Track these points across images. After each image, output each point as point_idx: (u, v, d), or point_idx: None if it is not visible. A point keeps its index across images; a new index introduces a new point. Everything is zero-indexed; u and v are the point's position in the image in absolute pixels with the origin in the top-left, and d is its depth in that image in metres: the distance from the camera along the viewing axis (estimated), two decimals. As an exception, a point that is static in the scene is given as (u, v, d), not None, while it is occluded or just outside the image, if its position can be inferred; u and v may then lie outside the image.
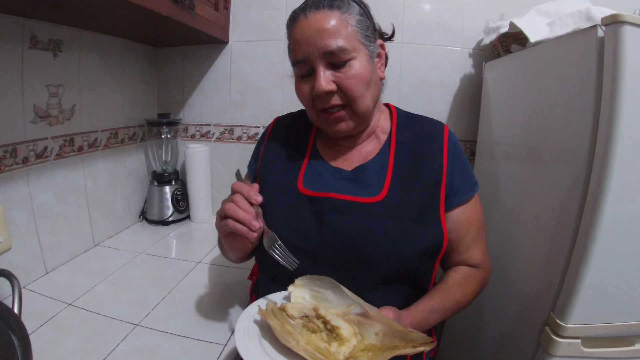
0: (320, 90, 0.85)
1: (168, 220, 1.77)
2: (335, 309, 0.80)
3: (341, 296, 0.81)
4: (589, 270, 0.87)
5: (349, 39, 0.86)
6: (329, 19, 0.85)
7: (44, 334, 0.95)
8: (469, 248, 0.99)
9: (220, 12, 1.63)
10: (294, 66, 0.93)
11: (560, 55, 1.02)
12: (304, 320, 0.77)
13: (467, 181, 0.97)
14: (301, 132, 1.07)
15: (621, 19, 0.78)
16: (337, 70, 0.87)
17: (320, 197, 0.91)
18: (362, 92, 0.88)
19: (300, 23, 0.88)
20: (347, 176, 0.96)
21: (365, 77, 0.88)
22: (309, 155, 1.02)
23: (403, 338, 0.72)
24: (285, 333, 0.71)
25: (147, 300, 1.13)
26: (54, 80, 1.26)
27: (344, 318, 0.77)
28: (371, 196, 0.90)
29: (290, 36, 0.92)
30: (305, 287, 0.85)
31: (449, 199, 0.93)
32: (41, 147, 1.22)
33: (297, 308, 0.79)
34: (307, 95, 0.91)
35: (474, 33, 1.61)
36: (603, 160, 0.82)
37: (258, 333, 0.78)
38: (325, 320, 0.76)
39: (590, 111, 0.85)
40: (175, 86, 1.90)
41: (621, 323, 0.93)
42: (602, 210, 0.83)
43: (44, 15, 1.15)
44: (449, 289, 0.93)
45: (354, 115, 0.91)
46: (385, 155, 0.97)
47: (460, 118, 1.69)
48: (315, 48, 0.85)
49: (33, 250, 1.20)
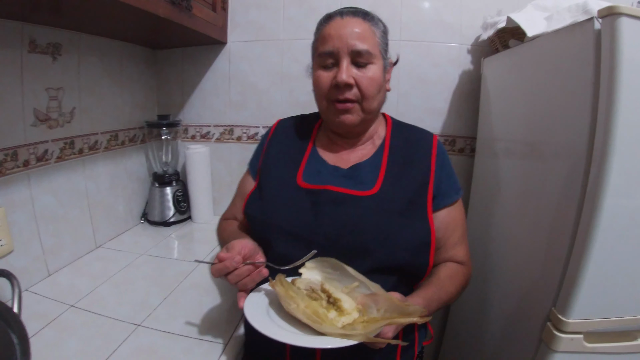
0: (342, 80, 0.95)
1: (169, 221, 1.78)
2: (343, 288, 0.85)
3: (347, 277, 0.86)
4: (590, 265, 0.87)
5: (374, 47, 0.98)
6: (361, 25, 0.98)
7: (46, 335, 0.95)
8: (455, 246, 1.06)
9: (218, 13, 1.63)
10: (320, 57, 1.01)
11: (558, 49, 1.02)
12: (308, 291, 0.84)
13: (453, 186, 1.06)
14: (302, 134, 1.15)
15: (618, 10, 0.78)
16: (358, 69, 0.97)
17: (318, 189, 0.99)
18: (375, 94, 0.99)
19: (336, 21, 0.99)
20: (343, 173, 1.04)
21: (379, 82, 1.00)
22: (309, 155, 1.10)
23: (400, 311, 0.76)
24: (288, 297, 0.78)
25: (149, 301, 1.13)
26: (54, 84, 1.26)
27: (349, 294, 0.83)
28: (365, 190, 0.98)
29: (322, 31, 1.02)
30: (317, 269, 0.89)
31: (436, 200, 1.01)
32: (42, 150, 1.22)
33: (305, 282, 0.87)
34: (325, 84, 1.00)
35: (472, 29, 1.61)
36: (602, 154, 0.82)
37: (267, 302, 0.85)
38: (329, 294, 0.83)
39: (589, 105, 0.85)
40: (175, 87, 1.90)
41: (623, 317, 0.93)
42: (601, 205, 0.83)
43: (43, 19, 1.16)
44: (442, 282, 0.99)
45: (361, 111, 1.00)
46: (379, 157, 1.06)
47: (460, 114, 1.68)
48: (346, 45, 0.96)
49: (35, 252, 1.21)
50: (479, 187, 1.57)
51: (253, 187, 1.11)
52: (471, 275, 1.09)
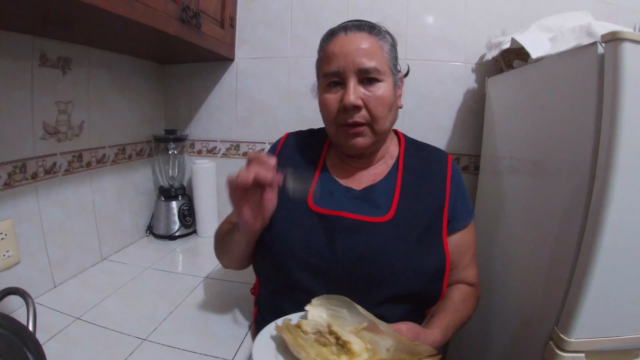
0: (350, 102, 0.89)
1: (175, 235, 1.78)
2: (349, 327, 0.82)
3: (356, 314, 0.82)
4: (592, 283, 0.87)
5: (382, 63, 0.92)
6: (368, 40, 0.92)
7: (52, 347, 0.95)
8: (466, 268, 1.05)
9: (226, 30, 1.66)
10: (325, 77, 0.96)
11: (562, 71, 1.03)
12: (316, 335, 0.80)
13: (467, 208, 1.04)
14: (312, 150, 1.09)
15: (621, 36, 0.79)
16: (366, 89, 0.91)
17: (333, 215, 0.93)
18: (385, 114, 0.93)
19: (340, 38, 0.93)
20: (357, 195, 0.98)
21: (390, 101, 0.93)
22: (319, 173, 1.04)
23: (410, 351, 0.74)
24: (298, 346, 0.74)
25: (155, 315, 1.13)
26: (63, 97, 1.28)
27: (357, 334, 0.79)
28: (380, 216, 0.92)
29: (326, 49, 0.96)
30: (322, 307, 0.86)
31: (451, 224, 0.98)
32: (50, 163, 1.24)
33: (312, 324, 0.82)
34: (333, 107, 0.94)
35: (476, 48, 1.63)
36: (605, 172, 0.82)
37: (274, 348, 0.81)
38: (337, 336, 0.78)
39: (592, 126, 0.86)
40: (182, 103, 1.93)
41: (625, 336, 0.93)
42: (604, 223, 0.83)
43: (54, 33, 1.18)
44: (456, 307, 0.97)
45: (372, 133, 0.95)
46: (393, 178, 1.00)
47: (464, 133, 1.70)
48: (352, 63, 0.90)
49: (42, 264, 1.21)
50: (482, 205, 1.57)
51: None
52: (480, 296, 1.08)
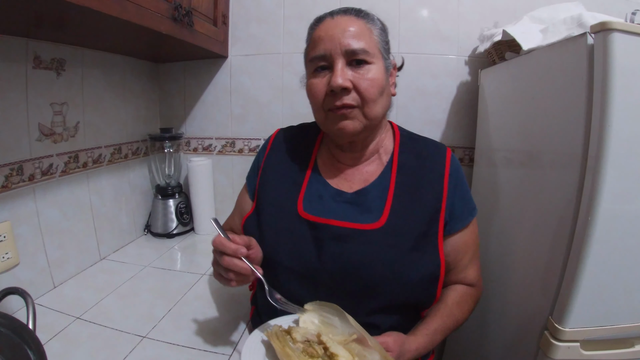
0: (337, 84, 0.84)
1: (172, 233, 1.79)
2: (339, 337, 0.81)
3: (346, 324, 0.82)
4: (586, 273, 0.88)
5: (371, 45, 0.89)
6: (355, 23, 0.89)
7: (53, 347, 0.96)
8: (465, 268, 1.01)
9: (219, 28, 1.66)
10: (311, 62, 0.92)
11: (553, 62, 1.04)
12: (305, 344, 0.79)
13: (466, 207, 0.99)
14: (303, 148, 1.06)
15: (610, 26, 0.80)
16: (355, 71, 0.87)
17: (321, 223, 0.91)
18: (376, 97, 0.88)
19: (326, 22, 0.91)
20: (348, 199, 0.95)
21: (381, 84, 0.89)
22: (310, 174, 1.01)
23: None
24: (285, 356, 0.74)
25: (154, 313, 1.14)
26: (58, 99, 1.28)
27: (345, 346, 0.79)
28: (371, 222, 0.90)
29: (313, 34, 0.93)
30: (315, 312, 0.86)
31: (448, 226, 0.94)
32: (47, 164, 1.24)
33: (302, 332, 0.81)
34: (320, 92, 0.90)
35: (469, 41, 1.64)
36: (596, 163, 0.84)
37: (263, 354, 0.81)
38: (326, 347, 0.77)
39: (582, 116, 0.87)
40: (177, 101, 1.93)
41: (620, 325, 0.94)
42: (596, 213, 0.85)
43: (47, 35, 1.18)
44: (449, 310, 0.94)
45: (363, 117, 0.89)
46: (386, 179, 0.97)
47: (458, 125, 1.70)
48: (338, 45, 0.86)
49: (41, 265, 1.22)
50: (477, 197, 1.57)
51: (251, 210, 1.03)
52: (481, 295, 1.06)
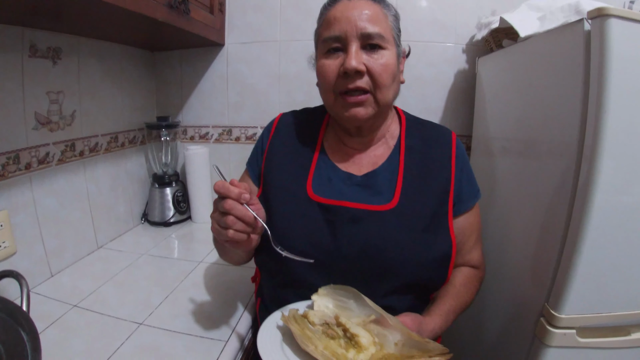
0: (351, 66, 0.83)
1: (169, 221, 1.79)
2: (356, 318, 0.81)
3: (363, 306, 0.82)
4: (581, 260, 0.88)
5: (386, 31, 0.88)
6: (372, 7, 0.87)
7: (51, 335, 0.96)
8: (470, 251, 1.02)
9: (215, 15, 1.64)
10: (324, 42, 0.90)
11: (550, 49, 1.03)
12: (324, 327, 0.79)
13: (472, 189, 1.00)
14: (308, 131, 1.04)
15: (607, 12, 0.79)
16: (369, 55, 0.86)
17: (334, 205, 0.90)
18: (389, 83, 0.88)
19: (343, 3, 0.89)
20: (358, 182, 0.95)
21: (394, 70, 0.88)
22: (317, 157, 0.99)
23: (420, 348, 0.74)
24: (305, 338, 0.73)
25: (151, 300, 1.15)
26: (54, 87, 1.28)
27: (365, 327, 0.79)
28: (383, 203, 0.90)
29: (326, 15, 0.91)
30: (329, 296, 0.85)
31: (456, 207, 0.95)
32: (43, 153, 1.24)
33: (319, 315, 0.81)
34: (332, 73, 0.88)
35: (467, 28, 1.63)
36: (592, 152, 0.84)
37: (280, 338, 0.80)
38: (345, 328, 0.77)
39: (579, 104, 0.87)
40: (174, 89, 1.92)
41: (615, 313, 0.95)
42: (592, 201, 0.85)
43: (43, 24, 1.17)
44: (458, 291, 0.96)
45: (375, 103, 0.89)
46: (395, 161, 0.97)
47: (456, 113, 1.70)
48: (355, 27, 0.84)
49: (38, 254, 1.22)
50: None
51: (257, 195, 0.98)
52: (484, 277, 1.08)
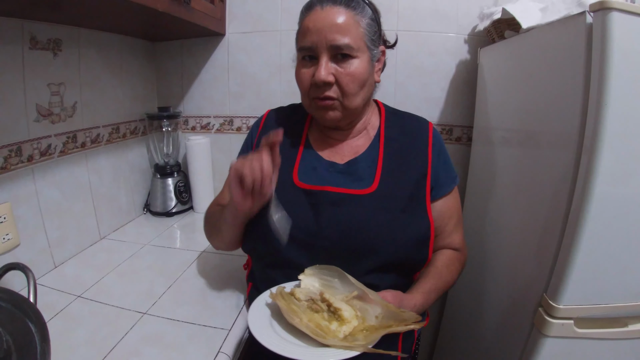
0: (320, 79, 0.90)
1: (171, 211, 1.80)
2: (340, 295, 0.87)
3: (347, 284, 0.88)
4: (580, 251, 0.89)
5: (357, 39, 0.91)
6: (343, 15, 0.90)
7: (55, 325, 0.97)
8: (451, 234, 1.08)
9: (216, 5, 1.64)
10: (300, 51, 0.97)
11: (551, 41, 1.03)
12: (309, 302, 0.85)
13: (449, 175, 1.05)
14: (294, 125, 1.11)
15: (609, 5, 0.79)
16: (338, 65, 0.92)
17: (317, 190, 0.96)
18: (356, 91, 0.94)
19: (315, 12, 0.92)
20: (340, 169, 1.01)
21: (362, 78, 0.94)
22: (303, 148, 1.06)
23: (397, 318, 0.79)
24: (291, 312, 0.80)
25: (154, 290, 1.16)
26: (55, 79, 1.28)
27: (348, 302, 0.85)
28: (363, 188, 0.96)
29: (303, 22, 0.96)
30: (315, 276, 0.91)
31: (434, 191, 1.01)
32: (45, 145, 1.24)
33: (305, 292, 0.87)
34: (306, 81, 0.95)
35: (469, 19, 1.62)
36: (592, 143, 0.84)
37: (269, 315, 0.87)
38: (329, 303, 0.84)
39: (580, 96, 0.87)
40: (174, 79, 1.92)
41: (613, 304, 0.96)
42: (591, 193, 0.85)
43: (43, 15, 1.17)
44: (439, 271, 1.01)
45: (342, 108, 0.96)
46: (375, 150, 1.03)
47: (457, 104, 1.70)
48: (324, 40, 0.89)
49: (41, 245, 1.23)
50: (475, 175, 1.59)
51: None
52: (467, 259, 1.12)
